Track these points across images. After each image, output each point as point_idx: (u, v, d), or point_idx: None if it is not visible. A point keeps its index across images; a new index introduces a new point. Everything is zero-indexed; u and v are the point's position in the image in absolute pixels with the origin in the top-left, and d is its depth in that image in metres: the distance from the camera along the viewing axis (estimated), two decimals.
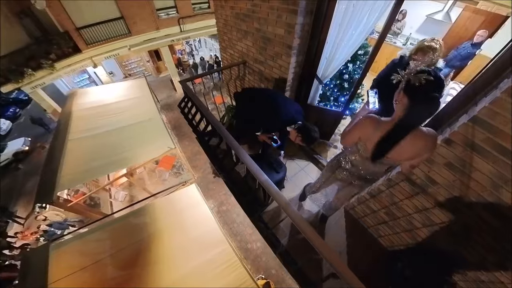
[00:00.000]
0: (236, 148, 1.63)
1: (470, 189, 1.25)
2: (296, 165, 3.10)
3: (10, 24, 7.34)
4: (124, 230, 3.25)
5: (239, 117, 2.54)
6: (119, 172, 5.48)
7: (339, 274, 1.09)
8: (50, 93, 8.71)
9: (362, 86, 3.09)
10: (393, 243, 2.14)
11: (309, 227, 1.18)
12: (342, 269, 1.08)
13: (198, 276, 2.72)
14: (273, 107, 2.08)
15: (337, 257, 1.12)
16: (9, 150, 8.99)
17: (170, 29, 9.49)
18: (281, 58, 2.53)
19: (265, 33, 2.55)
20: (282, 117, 2.04)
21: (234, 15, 2.88)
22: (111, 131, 4.59)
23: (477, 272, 1.60)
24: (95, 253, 2.93)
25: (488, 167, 1.12)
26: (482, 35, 4.01)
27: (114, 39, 8.50)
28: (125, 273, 2.78)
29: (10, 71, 6.87)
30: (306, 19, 2.15)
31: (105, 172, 4.68)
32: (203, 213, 3.33)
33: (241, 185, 2.40)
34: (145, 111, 5.15)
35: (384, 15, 1.95)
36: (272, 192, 1.34)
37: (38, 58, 7.19)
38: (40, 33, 7.90)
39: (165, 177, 6.99)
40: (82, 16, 7.60)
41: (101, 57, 8.61)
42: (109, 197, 6.30)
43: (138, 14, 8.45)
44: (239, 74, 3.39)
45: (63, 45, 7.63)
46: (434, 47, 1.99)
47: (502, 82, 0.98)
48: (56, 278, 2.70)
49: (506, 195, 1.13)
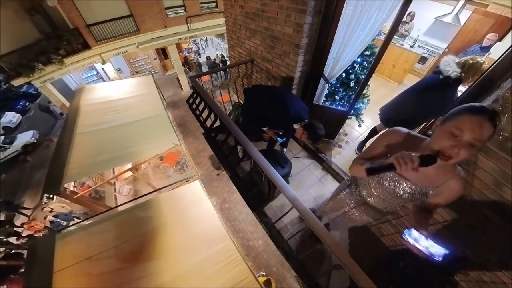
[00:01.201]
0: (244, 142, 1.67)
1: (473, 187, 1.27)
2: (300, 163, 3.13)
3: (21, 20, 7.52)
4: (128, 223, 3.30)
5: (247, 112, 2.58)
6: (124, 167, 5.56)
7: (343, 265, 1.11)
8: (59, 87, 8.89)
9: (368, 87, 3.10)
10: (396, 242, 2.15)
11: (315, 219, 1.21)
12: (347, 261, 1.10)
13: (200, 271, 2.75)
14: (281, 104, 2.12)
15: (342, 249, 1.14)
16: (18, 142, 9.20)
17: (178, 27, 9.61)
18: (288, 56, 2.56)
19: (273, 32, 2.58)
20: (289, 114, 2.08)
21: (244, 14, 2.92)
22: (118, 127, 4.67)
23: (479, 272, 1.61)
24: (99, 244, 2.98)
25: (491, 165, 1.13)
26: (491, 38, 3.97)
27: (123, 37, 8.64)
28: (128, 265, 2.82)
29: (21, 65, 7.04)
30: (314, 18, 2.18)
31: (110, 166, 4.76)
32: (206, 209, 3.37)
33: (245, 180, 2.44)
34: (151, 108, 5.22)
35: (392, 16, 1.97)
36: (278, 183, 1.37)
37: (48, 54, 7.35)
38: (50, 29, 8.07)
39: (169, 173, 7.06)
40: (93, 14, 7.74)
41: (110, 53, 8.76)
42: (114, 191, 6.40)
43: (147, 12, 8.57)
44: (246, 72, 3.43)
45: (73, 42, 7.77)
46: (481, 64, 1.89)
47: (505, 81, 1.00)
48: (62, 267, 2.76)
49: (509, 193, 1.14)
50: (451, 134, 0.79)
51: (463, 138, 0.77)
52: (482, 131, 0.74)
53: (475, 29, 4.60)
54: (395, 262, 2.07)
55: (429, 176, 0.99)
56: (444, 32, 5.24)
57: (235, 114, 3.47)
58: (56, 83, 8.46)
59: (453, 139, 0.79)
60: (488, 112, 0.74)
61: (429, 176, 0.99)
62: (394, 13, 1.93)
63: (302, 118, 2.07)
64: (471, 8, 4.65)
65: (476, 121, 0.74)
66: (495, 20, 4.28)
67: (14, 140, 9.24)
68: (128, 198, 6.02)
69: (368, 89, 3.23)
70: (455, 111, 0.83)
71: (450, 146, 0.80)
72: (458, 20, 4.98)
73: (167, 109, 5.39)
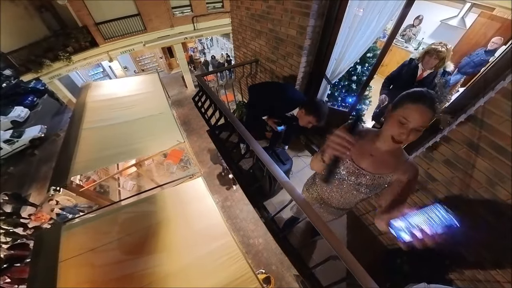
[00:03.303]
0: (248, 138, 1.72)
1: (467, 186, 1.31)
2: (301, 162, 3.18)
3: (31, 17, 7.70)
4: (132, 216, 3.37)
5: (250, 105, 2.62)
6: (128, 162, 5.66)
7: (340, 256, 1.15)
8: (66, 84, 9.06)
9: (370, 88, 3.14)
10: (393, 241, 2.19)
11: (314, 212, 1.26)
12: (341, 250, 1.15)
13: (201, 265, 2.81)
14: (279, 89, 2.29)
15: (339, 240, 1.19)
16: (26, 136, 9.43)
17: (184, 27, 9.73)
18: (292, 57, 2.62)
19: (278, 34, 2.65)
20: (286, 95, 2.17)
21: (249, 16, 2.99)
22: (123, 123, 4.76)
23: (474, 271, 1.64)
24: (103, 237, 3.06)
25: (485, 164, 1.17)
26: (496, 42, 3.95)
27: (130, 35, 8.79)
28: (131, 257, 2.89)
29: (30, 61, 7.20)
30: (317, 21, 2.23)
31: (115, 161, 4.84)
32: (208, 206, 3.42)
33: (247, 176, 2.49)
34: (156, 105, 5.30)
35: (394, 18, 2.01)
36: (278, 177, 1.43)
37: (56, 50, 7.49)
38: (59, 27, 8.25)
39: (172, 170, 7.16)
40: (102, 12, 7.89)
41: (117, 51, 8.91)
42: (118, 186, 6.50)
43: (154, 12, 8.70)
44: (251, 72, 3.49)
45: (81, 39, 7.92)
46: (438, 50, 2.02)
47: (498, 84, 1.04)
48: (67, 257, 2.84)
49: (502, 192, 1.18)
50: (399, 122, 0.92)
51: (409, 126, 0.89)
52: (425, 119, 0.86)
53: (480, 33, 4.57)
54: (392, 260, 2.11)
55: (384, 162, 1.10)
56: (450, 35, 5.22)
57: (239, 112, 3.53)
58: (62, 80, 8.63)
59: (402, 126, 0.92)
60: (427, 99, 0.86)
61: (384, 162, 1.10)
62: (396, 16, 1.96)
63: (299, 98, 2.14)
64: (477, 12, 4.63)
65: (419, 109, 0.87)
66: (501, 24, 4.26)
67: (22, 134, 9.47)
68: (132, 193, 6.12)
69: (370, 91, 3.26)
70: (400, 98, 0.96)
71: (399, 133, 0.93)
72: (464, 23, 4.96)
73: (171, 107, 5.47)
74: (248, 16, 3.02)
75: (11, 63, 7.02)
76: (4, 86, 13.31)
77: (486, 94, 1.07)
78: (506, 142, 1.08)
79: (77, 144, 4.30)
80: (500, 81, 1.02)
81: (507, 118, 1.05)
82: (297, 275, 2.86)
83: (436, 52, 2.04)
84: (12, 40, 7.10)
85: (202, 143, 8.54)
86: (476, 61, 4.15)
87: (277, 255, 5.38)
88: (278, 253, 5.36)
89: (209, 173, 7.45)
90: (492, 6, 4.29)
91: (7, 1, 7.01)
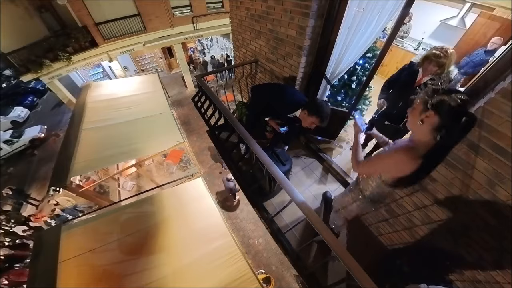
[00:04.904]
0: (247, 138, 1.72)
1: (467, 187, 1.31)
2: (301, 162, 3.18)
3: (31, 17, 7.69)
4: (132, 217, 3.37)
5: (252, 105, 2.62)
6: (128, 163, 5.65)
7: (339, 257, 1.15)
8: (65, 84, 9.07)
9: (369, 88, 3.14)
10: (393, 241, 2.18)
11: (313, 213, 1.26)
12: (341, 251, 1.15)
13: (200, 265, 2.81)
14: (280, 89, 2.29)
15: (337, 241, 1.19)
16: (26, 137, 9.44)
17: (184, 27, 9.73)
18: (291, 58, 2.61)
19: (277, 34, 2.64)
20: (287, 96, 2.18)
21: (249, 16, 2.98)
22: (123, 123, 4.77)
23: (474, 272, 1.63)
24: (103, 237, 3.06)
25: (485, 165, 1.17)
26: (496, 42, 3.95)
27: (130, 35, 8.79)
28: (130, 258, 2.89)
29: (30, 61, 7.20)
30: (317, 21, 2.23)
31: (115, 161, 4.84)
32: (208, 206, 3.42)
33: (247, 176, 2.49)
34: (156, 105, 5.31)
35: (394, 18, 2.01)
36: (278, 177, 1.43)
37: (56, 51, 7.50)
38: (59, 27, 8.25)
39: (172, 170, 7.16)
40: (102, 12, 7.89)
41: (117, 52, 8.91)
42: (118, 186, 6.51)
43: (154, 12, 8.71)
44: (250, 72, 3.49)
45: (81, 39, 7.92)
46: (437, 56, 1.97)
47: (498, 84, 1.04)
48: (66, 257, 2.85)
49: (502, 193, 1.17)
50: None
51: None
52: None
53: (480, 33, 4.57)
54: (392, 261, 2.11)
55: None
56: (449, 35, 5.22)
57: (238, 113, 3.52)
58: (62, 80, 8.63)
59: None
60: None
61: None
62: (395, 16, 1.96)
63: (301, 99, 2.14)
64: (477, 12, 4.63)
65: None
66: (501, 24, 4.25)
67: (22, 134, 9.48)
68: (132, 194, 6.12)
69: (370, 91, 3.26)
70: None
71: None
72: (463, 23, 4.96)
73: (171, 107, 5.48)
74: (248, 16, 3.01)
75: (11, 63, 7.02)
76: (4, 86, 13.34)
77: (486, 94, 1.07)
78: (506, 143, 1.08)
79: (76, 144, 4.30)
80: (500, 81, 1.02)
81: (507, 119, 1.05)
82: (297, 275, 2.86)
83: (435, 59, 1.99)
84: (12, 40, 7.10)
85: (202, 143, 8.54)
86: (475, 61, 4.15)
87: (277, 255, 5.38)
88: (278, 253, 5.36)
89: (209, 173, 7.45)
90: (492, 6, 4.30)
91: (7, 1, 7.01)
